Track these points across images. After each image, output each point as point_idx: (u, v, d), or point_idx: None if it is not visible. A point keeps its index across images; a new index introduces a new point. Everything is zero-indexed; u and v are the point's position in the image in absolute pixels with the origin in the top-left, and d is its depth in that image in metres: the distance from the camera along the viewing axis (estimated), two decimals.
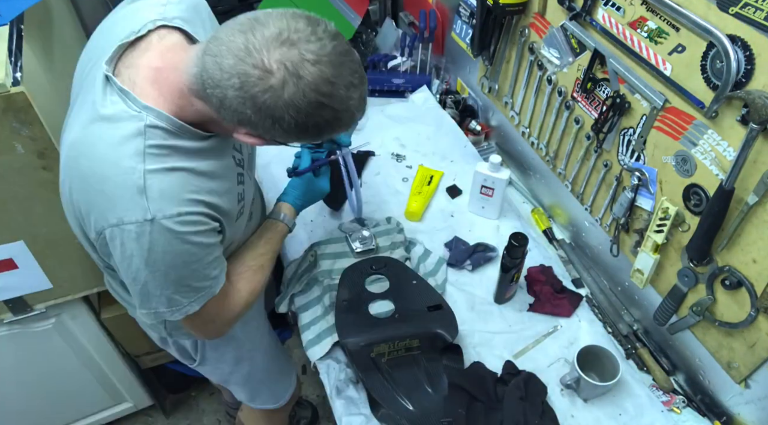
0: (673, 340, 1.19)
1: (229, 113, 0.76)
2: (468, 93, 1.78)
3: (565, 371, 1.15)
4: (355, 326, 1.16)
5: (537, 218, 1.51)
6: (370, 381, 1.11)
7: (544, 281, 1.31)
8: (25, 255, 1.26)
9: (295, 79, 0.71)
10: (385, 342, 1.13)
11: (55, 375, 1.64)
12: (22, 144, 1.08)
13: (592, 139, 1.23)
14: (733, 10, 0.84)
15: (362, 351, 1.13)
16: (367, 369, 1.12)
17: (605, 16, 1.10)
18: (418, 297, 1.22)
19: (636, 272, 1.18)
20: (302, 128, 0.76)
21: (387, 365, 1.12)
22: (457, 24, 1.64)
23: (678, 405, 1.15)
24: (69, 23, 1.66)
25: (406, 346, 1.14)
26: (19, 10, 1.12)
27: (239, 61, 0.71)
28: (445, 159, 1.63)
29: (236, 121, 0.77)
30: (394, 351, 1.14)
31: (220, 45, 0.73)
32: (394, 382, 1.11)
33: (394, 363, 1.13)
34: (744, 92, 0.84)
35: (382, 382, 1.11)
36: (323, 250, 1.34)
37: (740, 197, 0.91)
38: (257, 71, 0.71)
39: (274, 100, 0.72)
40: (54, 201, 1.19)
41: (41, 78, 1.15)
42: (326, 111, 0.75)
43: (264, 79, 0.71)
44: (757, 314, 0.95)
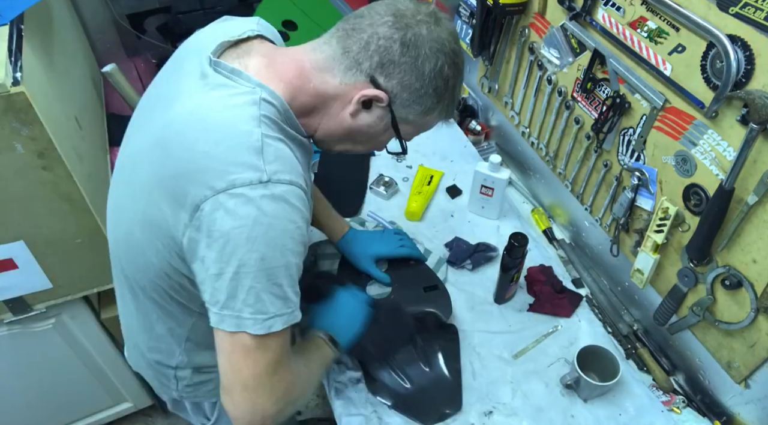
0: (673, 340, 1.19)
1: (369, 55, 0.80)
2: (468, 93, 1.78)
3: (565, 371, 1.15)
4: None
5: (537, 218, 1.51)
6: (366, 357, 1.14)
7: (544, 281, 1.31)
8: (25, 255, 1.26)
9: (442, 23, 0.83)
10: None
11: (55, 375, 1.63)
12: (22, 144, 1.08)
13: (592, 139, 1.23)
14: (733, 10, 0.84)
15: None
16: (360, 350, 1.13)
17: (605, 16, 1.10)
18: (415, 278, 1.26)
19: (636, 272, 1.18)
20: (437, 73, 0.82)
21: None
22: (457, 24, 1.64)
23: (678, 405, 1.15)
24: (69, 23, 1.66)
25: None
26: (19, 10, 1.12)
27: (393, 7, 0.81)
28: (445, 159, 1.63)
29: (375, 63, 0.80)
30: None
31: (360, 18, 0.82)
32: (390, 359, 1.13)
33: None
34: (744, 92, 0.84)
35: (378, 359, 1.13)
36: (323, 250, 1.34)
37: (740, 197, 0.91)
38: (409, 11, 0.81)
39: (424, 33, 0.80)
40: (54, 201, 1.20)
41: (41, 78, 1.15)
42: (455, 68, 0.85)
43: (416, 15, 0.81)
44: (757, 314, 0.95)
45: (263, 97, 0.78)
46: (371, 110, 0.85)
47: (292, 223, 0.76)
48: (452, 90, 0.86)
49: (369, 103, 0.84)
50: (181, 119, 0.79)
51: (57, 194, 1.19)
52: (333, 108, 0.85)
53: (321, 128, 0.87)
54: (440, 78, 0.83)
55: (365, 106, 0.84)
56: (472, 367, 1.17)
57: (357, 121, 0.85)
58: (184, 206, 0.74)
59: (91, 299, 1.51)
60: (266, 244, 0.74)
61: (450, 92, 0.86)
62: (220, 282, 0.75)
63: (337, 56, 0.81)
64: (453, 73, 0.84)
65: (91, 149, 1.43)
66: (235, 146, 0.74)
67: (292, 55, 0.84)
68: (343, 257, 1.29)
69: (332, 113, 0.85)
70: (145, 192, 0.80)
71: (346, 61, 0.81)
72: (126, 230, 0.86)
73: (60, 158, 1.13)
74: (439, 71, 0.82)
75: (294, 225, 0.76)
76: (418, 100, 0.84)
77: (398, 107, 0.85)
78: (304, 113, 0.85)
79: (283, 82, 0.82)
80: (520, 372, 1.17)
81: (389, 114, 0.85)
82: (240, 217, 0.72)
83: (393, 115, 0.85)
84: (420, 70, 0.81)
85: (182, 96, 0.81)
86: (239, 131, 0.75)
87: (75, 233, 1.27)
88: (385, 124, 0.87)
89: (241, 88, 0.79)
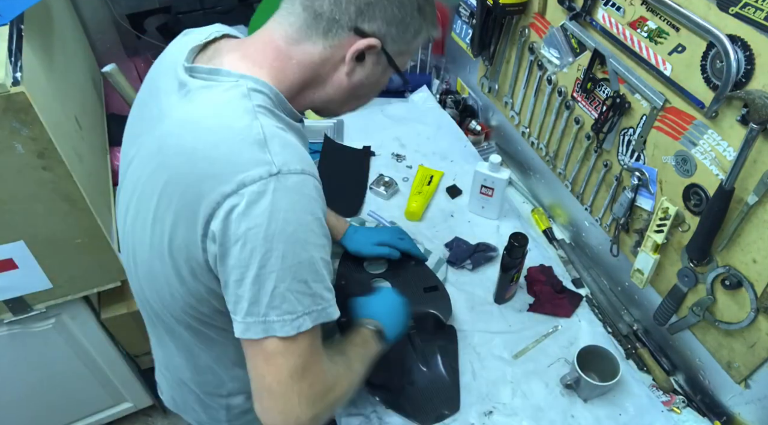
0: (673, 340, 1.19)
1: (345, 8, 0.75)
2: (468, 93, 1.78)
3: (565, 371, 1.15)
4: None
5: (537, 218, 1.51)
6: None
7: (544, 281, 1.31)
8: (25, 255, 1.26)
9: None
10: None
11: (55, 375, 1.64)
12: (22, 144, 1.08)
13: (592, 139, 1.23)
14: (733, 10, 0.84)
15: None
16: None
17: (605, 16, 1.10)
18: (415, 279, 1.25)
19: (636, 272, 1.18)
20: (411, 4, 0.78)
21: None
22: (457, 24, 1.64)
23: (678, 405, 1.15)
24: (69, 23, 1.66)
25: None
26: (19, 10, 1.12)
27: None
28: (445, 159, 1.63)
29: (354, 12, 0.75)
30: None
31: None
32: (388, 360, 1.13)
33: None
34: (744, 92, 0.84)
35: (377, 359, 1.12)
36: None
37: (740, 197, 0.91)
38: None
39: None
40: (54, 201, 1.20)
41: (41, 78, 1.15)
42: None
43: None
44: (757, 314, 0.95)
45: (251, 88, 0.75)
46: (365, 61, 0.81)
47: (309, 214, 0.71)
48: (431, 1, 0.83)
49: (361, 55, 0.80)
50: (172, 133, 0.75)
51: (57, 194, 1.19)
52: (325, 75, 0.81)
53: (318, 98, 0.84)
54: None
55: (358, 59, 0.80)
56: (472, 367, 1.17)
57: (354, 78, 0.82)
58: (198, 220, 0.71)
59: (91, 299, 1.51)
60: (285, 240, 0.69)
61: (430, 4, 0.82)
62: (243, 288, 0.71)
63: (309, 23, 0.77)
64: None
65: (91, 149, 1.43)
66: (237, 144, 0.70)
67: (261, 38, 0.80)
68: (343, 258, 1.29)
69: (326, 80, 0.81)
70: (158, 220, 0.76)
71: (322, 23, 0.76)
72: (147, 268, 0.82)
73: (60, 158, 1.13)
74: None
75: (312, 217, 0.72)
76: (405, 28, 0.80)
77: (390, 45, 0.80)
78: (297, 92, 0.81)
79: (264, 69, 0.78)
80: (520, 372, 1.17)
81: (383, 56, 0.81)
82: (254, 216, 0.68)
83: (388, 54, 0.81)
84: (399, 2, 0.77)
85: (167, 112, 0.78)
86: (237, 128, 0.71)
87: (75, 233, 1.27)
88: (382, 67, 0.83)
89: (224, 84, 0.75)
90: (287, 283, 0.71)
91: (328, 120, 1.73)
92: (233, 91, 0.74)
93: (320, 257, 0.73)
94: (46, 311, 1.42)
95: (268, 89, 0.76)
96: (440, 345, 1.18)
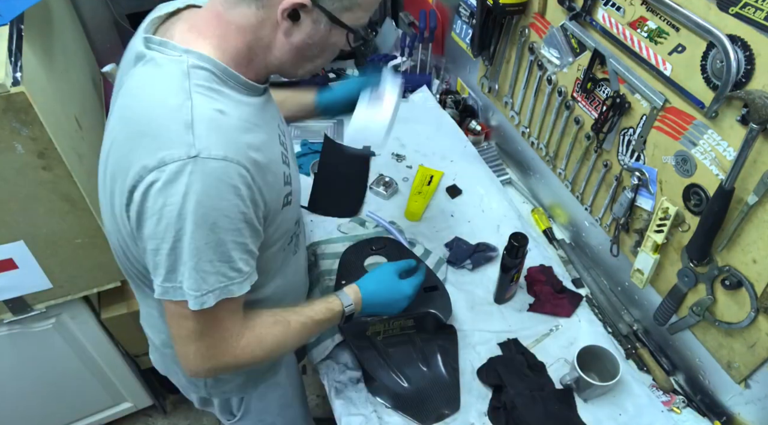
0: (673, 340, 1.19)
1: None
2: (468, 93, 1.78)
3: (565, 371, 1.15)
4: None
5: (537, 218, 1.51)
6: (365, 357, 1.14)
7: (544, 281, 1.31)
8: (25, 255, 1.26)
9: None
10: (381, 321, 1.15)
11: (55, 375, 1.64)
12: (22, 144, 1.08)
13: (592, 139, 1.23)
14: (733, 10, 0.84)
15: (358, 329, 1.15)
16: (362, 347, 1.14)
17: (605, 16, 1.10)
18: None
19: (636, 272, 1.18)
20: None
21: (382, 343, 1.15)
22: (457, 24, 1.64)
23: (678, 405, 1.15)
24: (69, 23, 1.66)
25: (401, 325, 1.17)
26: (19, 10, 1.12)
27: None
28: (445, 159, 1.63)
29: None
30: (389, 330, 1.16)
31: None
32: (389, 359, 1.13)
33: (389, 342, 1.16)
34: (744, 92, 0.84)
35: (377, 359, 1.14)
36: (323, 250, 1.34)
37: (740, 197, 0.91)
38: None
39: None
40: (54, 201, 1.20)
41: (41, 78, 1.15)
42: None
43: None
44: (757, 314, 0.95)
45: (192, 65, 0.75)
46: (301, 21, 0.77)
47: (224, 201, 0.74)
48: None
49: (295, 14, 0.76)
50: (122, 104, 0.80)
51: (57, 194, 1.19)
52: (265, 37, 0.79)
53: (270, 63, 0.82)
54: None
55: (293, 19, 0.77)
56: (473, 367, 1.17)
57: (294, 38, 0.79)
58: (125, 188, 0.75)
59: (91, 299, 1.51)
60: (196, 221, 0.73)
61: None
62: (159, 257, 0.76)
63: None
64: None
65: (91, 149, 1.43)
66: (166, 121, 0.73)
67: (208, 6, 0.80)
68: (344, 258, 1.29)
69: (269, 43, 0.79)
70: (105, 184, 0.82)
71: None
72: (107, 229, 0.88)
73: (60, 158, 1.13)
74: None
75: (227, 203, 0.74)
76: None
77: (327, 1, 0.77)
78: (245, 59, 0.80)
79: (208, 39, 0.78)
80: None
81: (321, 12, 0.77)
82: (170, 195, 0.72)
83: (325, 10, 0.77)
84: None
85: (124, 83, 0.81)
86: (169, 107, 0.73)
87: (75, 233, 1.27)
88: (324, 26, 0.79)
89: (167, 57, 0.77)
90: (194, 261, 0.76)
91: (328, 120, 1.73)
92: (174, 67, 0.76)
93: (233, 241, 0.77)
94: (46, 311, 1.42)
95: (212, 64, 0.77)
96: (440, 345, 1.18)
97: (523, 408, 1.06)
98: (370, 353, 1.15)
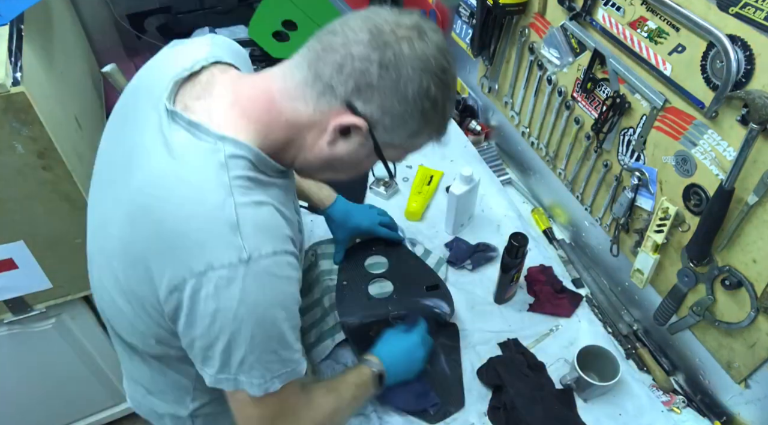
0: (673, 340, 1.19)
1: (344, 80, 0.71)
2: (468, 93, 1.78)
3: (565, 371, 1.15)
4: (355, 305, 1.18)
5: (537, 218, 1.51)
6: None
7: (544, 281, 1.31)
8: (25, 255, 1.26)
9: (427, 36, 0.73)
10: (384, 320, 1.15)
11: (55, 375, 1.64)
12: (22, 144, 1.08)
13: (592, 139, 1.23)
14: (733, 10, 0.84)
15: (361, 329, 1.15)
16: (365, 347, 1.13)
17: (605, 16, 1.10)
18: (416, 277, 1.25)
19: (636, 272, 1.18)
20: (422, 95, 0.73)
21: None
22: (457, 24, 1.64)
23: (678, 405, 1.15)
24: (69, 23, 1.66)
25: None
26: (19, 10, 1.13)
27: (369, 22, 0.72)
28: (445, 159, 1.63)
29: (351, 87, 0.72)
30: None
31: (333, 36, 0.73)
32: None
33: None
34: (744, 92, 0.84)
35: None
36: (323, 250, 1.34)
37: (740, 197, 0.91)
38: (388, 26, 0.71)
39: (406, 51, 0.71)
40: (54, 201, 1.20)
41: (41, 78, 1.16)
42: (443, 85, 0.75)
43: (396, 31, 0.71)
44: (757, 314, 0.95)
45: (229, 155, 0.71)
46: (350, 138, 0.76)
47: (281, 294, 0.73)
48: (442, 110, 0.78)
49: (347, 130, 0.75)
50: (145, 191, 0.73)
51: (57, 194, 1.19)
52: (308, 138, 0.77)
53: (298, 159, 0.80)
54: (426, 99, 0.74)
55: (343, 133, 0.76)
56: (473, 367, 1.17)
57: (335, 150, 0.77)
58: (161, 285, 0.71)
59: (91, 300, 1.51)
60: (255, 322, 0.71)
61: (440, 113, 0.78)
62: (212, 352, 0.73)
63: (308, 82, 0.73)
64: (441, 93, 0.76)
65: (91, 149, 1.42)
66: (208, 222, 0.69)
67: (260, 84, 0.77)
68: (344, 258, 1.29)
69: (308, 143, 0.78)
70: (120, 266, 0.76)
71: (319, 86, 0.72)
72: (110, 297, 0.81)
73: (60, 158, 1.13)
74: (425, 93, 0.73)
75: (283, 295, 0.73)
76: (402, 124, 0.76)
77: (380, 133, 0.76)
78: (280, 148, 0.78)
79: (252, 122, 0.74)
80: None
81: (371, 140, 0.77)
82: (224, 299, 0.69)
83: (375, 140, 0.77)
84: (402, 93, 0.72)
85: (143, 156, 0.74)
86: (210, 205, 0.69)
87: (75, 233, 1.27)
88: (367, 150, 0.79)
89: (202, 145, 0.71)
90: (256, 355, 0.73)
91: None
92: (211, 158, 0.71)
93: (289, 327, 0.75)
94: (46, 311, 1.42)
95: (248, 152, 0.73)
96: (443, 343, 1.18)
97: (523, 408, 1.06)
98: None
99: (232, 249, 0.68)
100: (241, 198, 0.70)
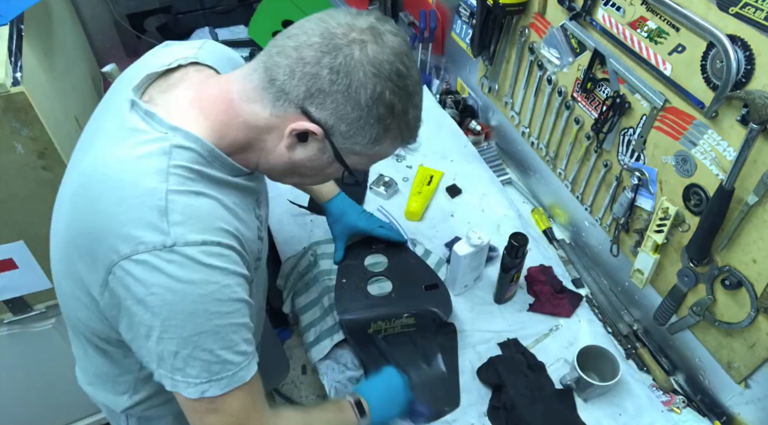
0: (673, 340, 1.19)
1: (296, 85, 0.71)
2: (468, 93, 1.78)
3: (565, 371, 1.15)
4: (354, 303, 1.19)
5: (537, 218, 1.51)
6: (366, 355, 1.15)
7: (544, 281, 1.31)
8: (25, 255, 1.26)
9: (383, 40, 0.72)
10: (382, 319, 1.16)
11: (55, 375, 1.63)
12: (22, 144, 1.08)
13: (592, 139, 1.23)
14: (733, 10, 0.84)
15: (360, 327, 1.15)
16: (364, 345, 1.15)
17: (605, 16, 1.10)
18: (415, 276, 1.25)
19: (636, 272, 1.18)
20: (376, 101, 0.72)
21: (384, 341, 1.16)
22: (457, 24, 1.64)
23: (678, 405, 1.15)
24: (69, 23, 1.66)
25: (402, 324, 1.17)
26: (19, 10, 1.13)
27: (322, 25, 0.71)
28: (445, 159, 1.63)
29: (303, 92, 0.71)
30: (390, 328, 1.17)
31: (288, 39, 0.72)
32: (390, 357, 1.13)
33: (390, 340, 1.16)
34: (744, 92, 0.84)
35: (378, 357, 1.14)
36: (323, 250, 1.34)
37: (740, 197, 0.91)
38: (341, 29, 0.70)
39: (356, 56, 0.70)
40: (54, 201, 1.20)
41: (41, 78, 1.16)
42: (401, 91, 0.73)
43: (347, 35, 0.70)
44: (757, 314, 0.95)
45: (175, 144, 0.71)
46: (308, 143, 0.76)
47: (212, 285, 0.70)
48: (401, 116, 0.76)
49: (305, 135, 0.75)
50: (88, 171, 0.74)
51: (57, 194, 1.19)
52: (268, 142, 0.76)
53: (261, 162, 0.80)
54: (381, 105, 0.72)
55: (300, 139, 0.75)
56: (473, 367, 1.17)
57: (295, 155, 0.77)
58: (96, 267, 0.71)
59: None
60: (183, 312, 0.69)
61: (399, 118, 0.76)
62: (150, 343, 0.72)
63: (264, 85, 0.73)
64: (399, 99, 0.73)
65: None
66: (137, 205, 0.69)
67: (222, 85, 0.77)
68: (344, 258, 1.29)
69: (269, 146, 0.77)
70: (62, 246, 0.77)
71: (273, 90, 0.72)
72: (56, 278, 0.83)
73: (60, 158, 1.13)
74: (379, 98, 0.72)
75: (215, 286, 0.71)
76: (359, 131, 0.74)
77: (338, 139, 0.75)
78: (240, 149, 0.77)
79: (209, 120, 0.74)
80: None
81: (330, 146, 0.76)
82: (150, 285, 0.68)
83: (334, 147, 0.76)
84: (355, 99, 0.71)
85: (97, 140, 0.76)
86: (142, 189, 0.69)
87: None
88: (327, 156, 0.78)
89: (151, 134, 0.72)
90: (189, 350, 0.71)
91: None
92: (155, 145, 0.71)
93: (230, 325, 0.73)
94: (46, 311, 1.42)
95: (199, 145, 0.73)
96: (440, 343, 1.18)
97: (523, 408, 1.06)
98: (371, 351, 1.15)
99: (157, 234, 0.68)
100: (177, 186, 0.70)
